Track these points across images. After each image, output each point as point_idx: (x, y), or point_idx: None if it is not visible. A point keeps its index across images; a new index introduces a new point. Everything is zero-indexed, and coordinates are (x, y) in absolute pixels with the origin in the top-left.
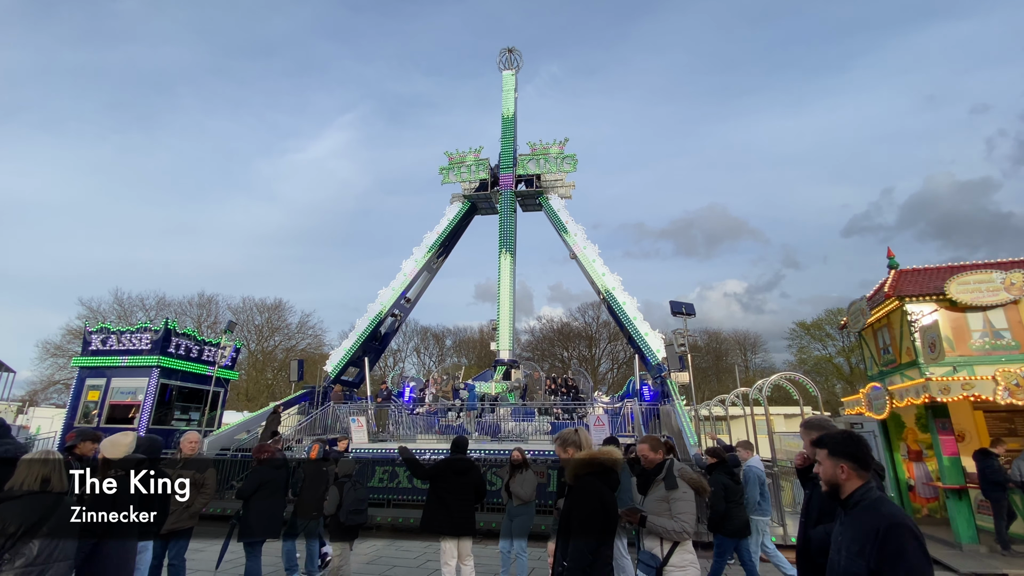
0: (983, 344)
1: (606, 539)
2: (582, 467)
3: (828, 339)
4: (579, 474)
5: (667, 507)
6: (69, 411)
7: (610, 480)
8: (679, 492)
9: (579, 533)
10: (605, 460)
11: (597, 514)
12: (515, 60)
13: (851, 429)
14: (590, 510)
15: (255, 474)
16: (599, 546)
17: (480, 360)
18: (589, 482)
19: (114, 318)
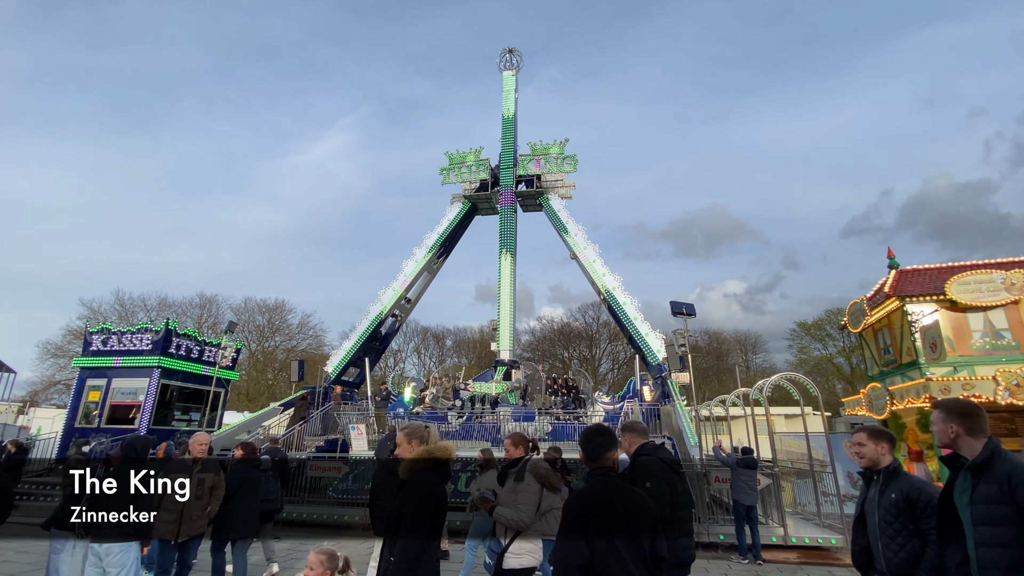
0: (983, 344)
1: (435, 534)
2: (417, 462)
3: (829, 339)
4: (414, 469)
5: (515, 498)
6: (70, 412)
7: (443, 473)
8: (524, 485)
9: (408, 529)
10: (439, 454)
11: (427, 509)
12: (515, 61)
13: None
14: (422, 505)
15: (235, 472)
16: (427, 541)
17: (480, 360)
18: (423, 477)
19: (115, 319)
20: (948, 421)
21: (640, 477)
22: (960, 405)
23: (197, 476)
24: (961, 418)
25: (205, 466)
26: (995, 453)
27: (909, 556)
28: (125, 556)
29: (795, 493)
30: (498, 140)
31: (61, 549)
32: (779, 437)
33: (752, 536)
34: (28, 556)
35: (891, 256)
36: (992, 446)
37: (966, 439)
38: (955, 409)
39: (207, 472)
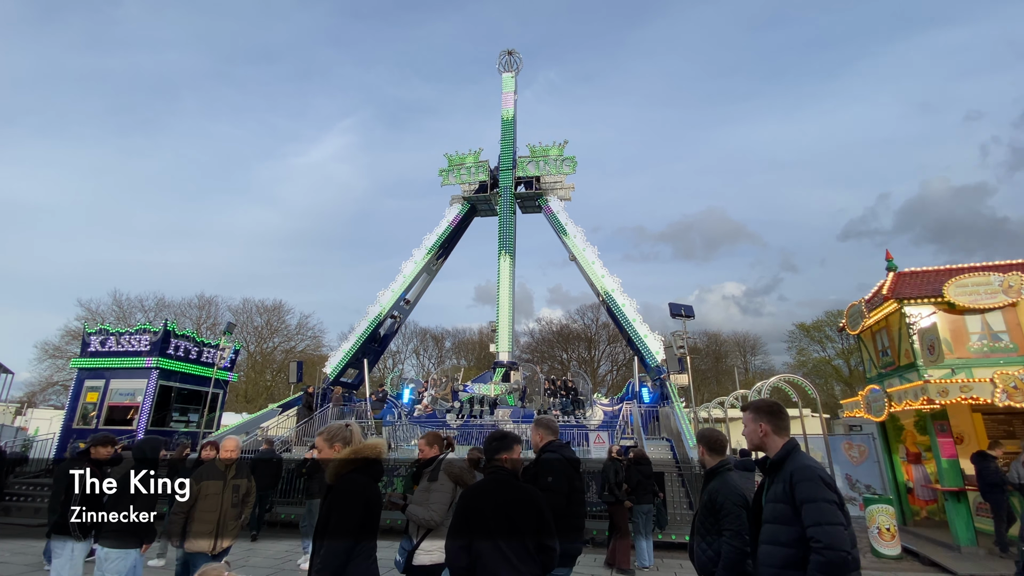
0: (981, 346)
1: (366, 537)
2: (344, 464)
3: (827, 341)
4: (341, 472)
5: (428, 497)
6: (68, 412)
7: (374, 472)
8: (437, 484)
9: (334, 532)
10: (368, 453)
11: (356, 511)
12: (515, 62)
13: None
14: (349, 508)
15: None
16: (356, 545)
17: (479, 362)
18: (351, 479)
19: (113, 319)
20: (758, 420)
21: (543, 472)
22: (768, 404)
23: (232, 482)
24: (770, 416)
25: (238, 471)
26: (790, 452)
27: (716, 554)
28: (122, 563)
29: None
30: (497, 143)
31: (61, 552)
32: None
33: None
34: (25, 557)
35: (889, 258)
36: (790, 446)
37: (772, 438)
38: (763, 408)
39: (240, 478)
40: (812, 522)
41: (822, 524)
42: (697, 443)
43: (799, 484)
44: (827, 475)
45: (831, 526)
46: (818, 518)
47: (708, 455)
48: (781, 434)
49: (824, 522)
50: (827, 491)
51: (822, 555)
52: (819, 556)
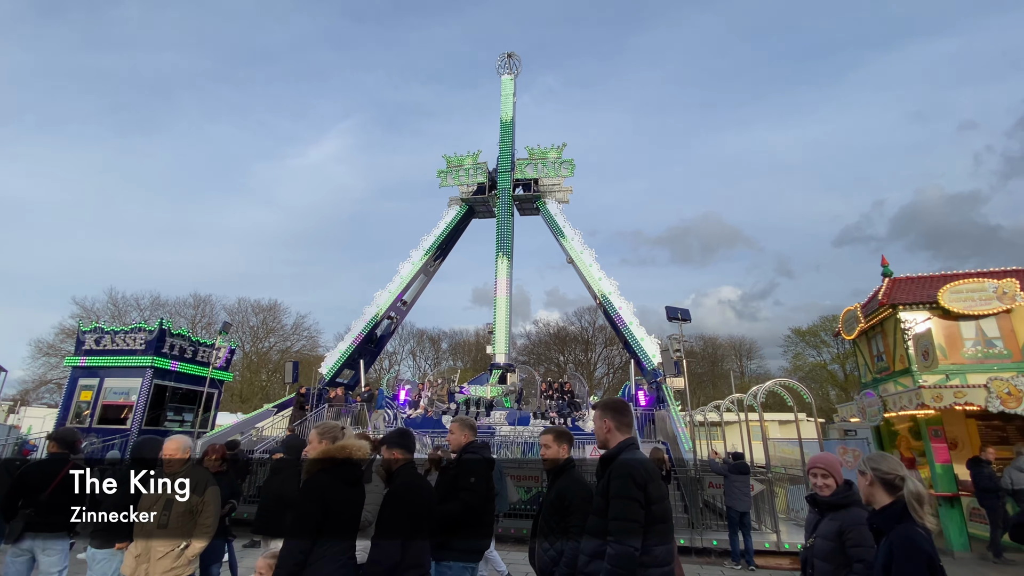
0: (975, 352)
1: (329, 539)
2: (314, 463)
3: (823, 346)
4: (311, 470)
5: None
6: (61, 411)
7: (344, 474)
8: (371, 486)
9: (289, 532)
10: (336, 454)
11: (312, 513)
12: (514, 65)
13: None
14: (305, 509)
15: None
16: (314, 546)
17: (476, 364)
18: (313, 480)
19: (108, 318)
20: (603, 417)
21: (465, 472)
22: (614, 402)
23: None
24: (614, 413)
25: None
26: (623, 450)
27: (559, 555)
28: (107, 564)
29: (788, 499)
30: (495, 145)
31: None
32: (773, 443)
33: (745, 542)
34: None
35: (885, 264)
36: (625, 444)
37: (615, 434)
38: (609, 406)
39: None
40: (612, 516)
41: (617, 519)
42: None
43: (613, 480)
44: (643, 475)
45: (625, 522)
46: (616, 512)
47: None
48: (623, 431)
49: (620, 517)
50: (633, 488)
51: (612, 548)
52: (611, 548)
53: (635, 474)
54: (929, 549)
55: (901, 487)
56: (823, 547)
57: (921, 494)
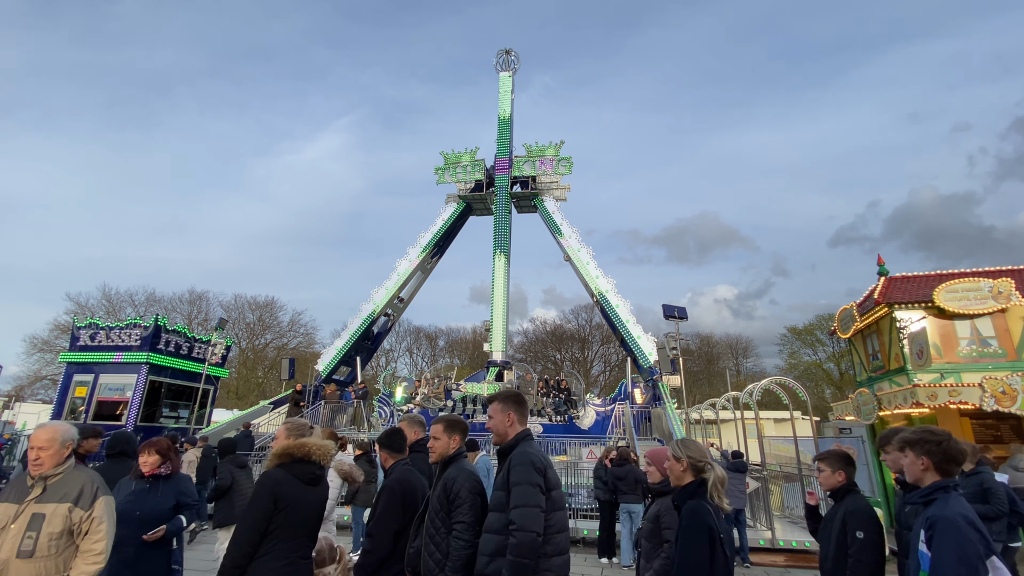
0: (970, 351)
1: (277, 536)
2: (272, 458)
3: (818, 344)
4: (269, 464)
5: None
6: (56, 407)
7: (300, 472)
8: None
9: (240, 523)
10: (295, 451)
11: (261, 507)
12: (512, 62)
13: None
14: (255, 503)
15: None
16: (262, 541)
17: (473, 361)
18: (272, 473)
19: (102, 314)
20: (507, 410)
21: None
22: (516, 394)
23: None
24: (517, 405)
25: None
26: (520, 441)
27: (445, 556)
28: None
29: (783, 497)
30: (493, 143)
31: None
32: (768, 441)
33: (740, 539)
34: None
35: (881, 263)
36: (522, 435)
37: (515, 427)
38: (512, 398)
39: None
40: (514, 504)
41: (520, 506)
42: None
43: (514, 468)
44: (542, 462)
45: (528, 508)
46: (518, 500)
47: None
48: (522, 423)
49: (522, 504)
50: (534, 474)
51: (515, 536)
52: (513, 538)
53: (535, 460)
54: (711, 522)
55: (705, 471)
56: (646, 528)
57: (724, 479)
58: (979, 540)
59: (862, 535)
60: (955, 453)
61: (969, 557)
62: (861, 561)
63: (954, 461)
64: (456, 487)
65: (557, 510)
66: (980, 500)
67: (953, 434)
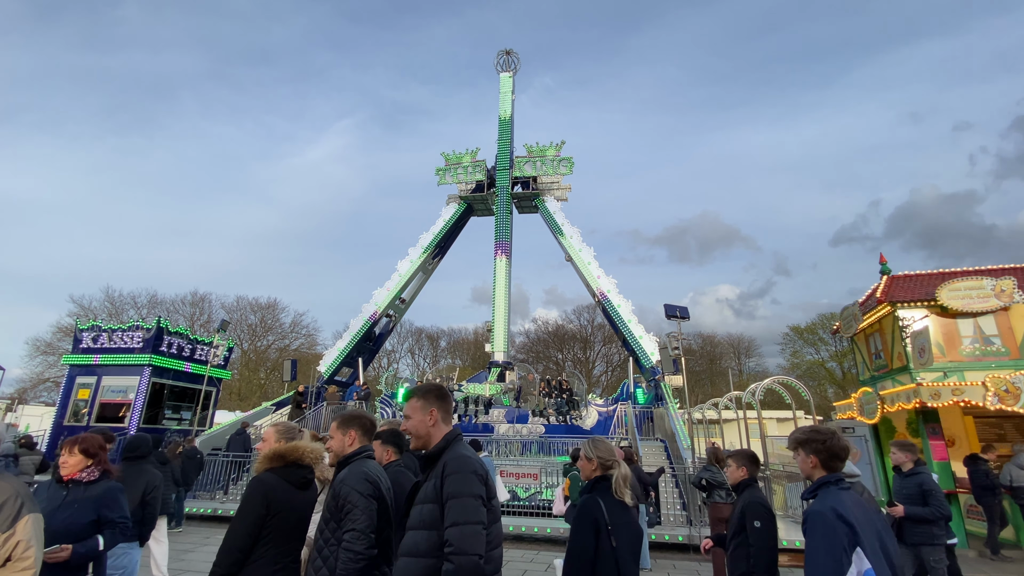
0: (973, 350)
1: (269, 541)
2: (262, 461)
3: (821, 344)
4: (259, 468)
5: None
6: (59, 409)
7: (290, 475)
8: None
9: (231, 528)
10: (288, 454)
11: (252, 512)
12: (512, 62)
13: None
14: (246, 507)
15: None
16: (254, 546)
17: (475, 362)
18: (263, 477)
19: (105, 316)
20: (427, 407)
21: None
22: (438, 388)
23: None
24: (440, 400)
25: None
26: (450, 443)
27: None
28: (127, 558)
29: (786, 496)
30: (494, 144)
31: None
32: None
33: None
34: None
35: (883, 262)
36: (451, 436)
37: (439, 427)
38: (433, 392)
39: None
40: (450, 522)
41: (459, 524)
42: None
43: (448, 477)
44: (482, 467)
45: (468, 526)
46: (456, 516)
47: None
48: (447, 421)
49: (461, 521)
50: (476, 484)
51: (452, 560)
52: (449, 562)
53: (476, 467)
54: (597, 515)
55: (611, 468)
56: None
57: (626, 475)
58: (845, 533)
59: (759, 524)
60: (838, 450)
61: (834, 548)
62: (760, 547)
63: (838, 457)
64: (344, 491)
65: (495, 522)
66: (920, 501)
67: (957, 433)
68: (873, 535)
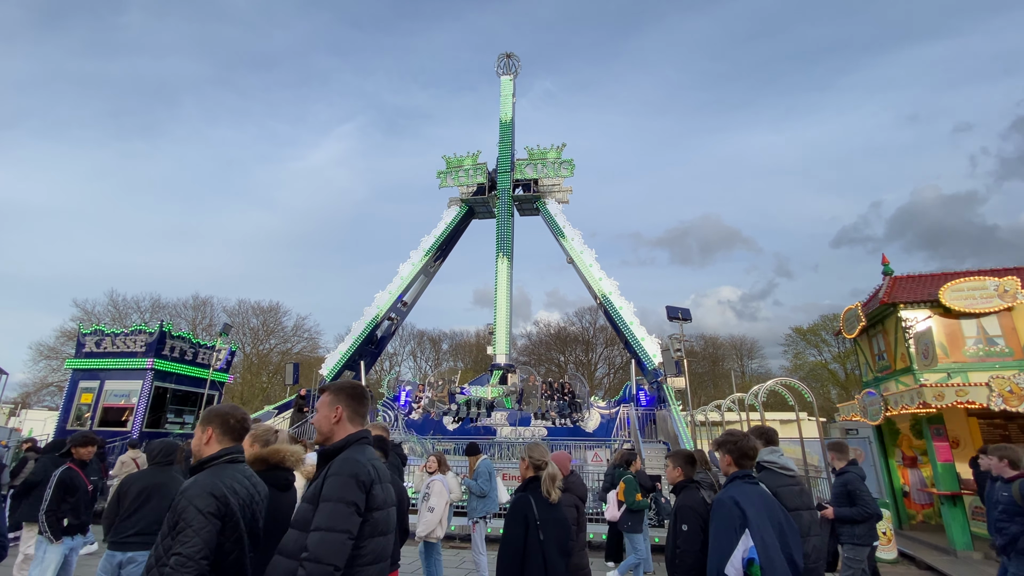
0: (977, 351)
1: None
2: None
3: (823, 345)
4: None
5: None
6: (62, 413)
7: (272, 478)
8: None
9: None
10: (270, 457)
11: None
12: (513, 65)
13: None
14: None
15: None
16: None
17: (476, 364)
18: None
19: (108, 320)
20: (335, 403)
21: None
22: (352, 386)
23: None
24: (350, 398)
25: None
26: (351, 444)
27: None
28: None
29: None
30: (495, 146)
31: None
32: None
33: None
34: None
35: (885, 263)
36: (355, 437)
37: (344, 425)
38: (345, 389)
39: None
40: (314, 526)
41: (322, 529)
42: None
43: (329, 479)
44: (369, 475)
45: (331, 533)
46: (321, 521)
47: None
48: (355, 422)
49: (325, 527)
50: (352, 490)
51: (304, 567)
52: (302, 568)
53: (360, 472)
54: (526, 511)
55: (542, 468)
56: None
57: (553, 475)
58: (738, 516)
59: (686, 528)
60: (748, 450)
61: (728, 528)
62: (686, 550)
63: (747, 456)
64: (181, 504)
65: (377, 535)
66: (846, 501)
67: (961, 434)
68: (768, 522)
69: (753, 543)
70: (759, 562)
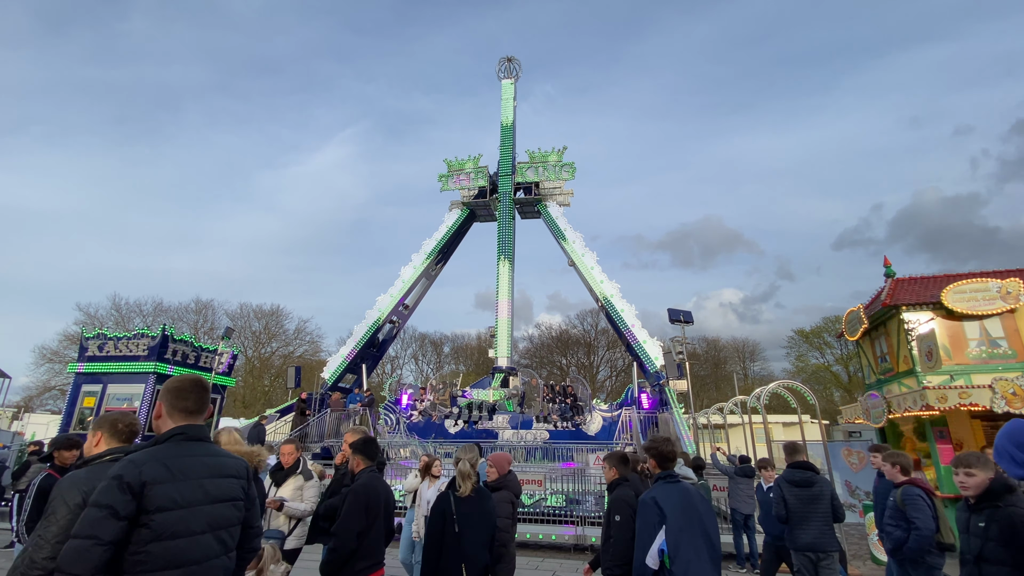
0: (980, 353)
1: None
2: None
3: (826, 347)
4: None
5: (300, 494)
6: (65, 417)
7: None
8: (313, 481)
9: None
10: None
11: None
12: (514, 69)
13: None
14: None
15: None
16: None
17: (478, 367)
18: None
19: (111, 324)
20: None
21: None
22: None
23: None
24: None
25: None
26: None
27: None
28: None
29: None
30: (496, 150)
31: None
32: (777, 445)
33: (750, 545)
34: None
35: (887, 265)
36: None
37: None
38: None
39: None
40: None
41: (73, 536)
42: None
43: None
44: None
45: (77, 540)
46: (76, 527)
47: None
48: (175, 418)
49: (74, 533)
50: (113, 494)
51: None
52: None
53: (126, 472)
54: (444, 506)
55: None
56: None
57: (463, 472)
58: (657, 514)
59: (619, 519)
60: (667, 454)
61: (648, 524)
62: (618, 538)
63: (667, 459)
64: (53, 492)
65: (165, 539)
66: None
67: (964, 436)
68: (686, 519)
69: (665, 538)
70: (667, 552)
